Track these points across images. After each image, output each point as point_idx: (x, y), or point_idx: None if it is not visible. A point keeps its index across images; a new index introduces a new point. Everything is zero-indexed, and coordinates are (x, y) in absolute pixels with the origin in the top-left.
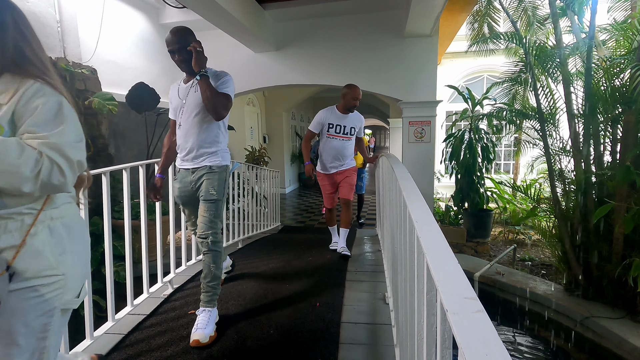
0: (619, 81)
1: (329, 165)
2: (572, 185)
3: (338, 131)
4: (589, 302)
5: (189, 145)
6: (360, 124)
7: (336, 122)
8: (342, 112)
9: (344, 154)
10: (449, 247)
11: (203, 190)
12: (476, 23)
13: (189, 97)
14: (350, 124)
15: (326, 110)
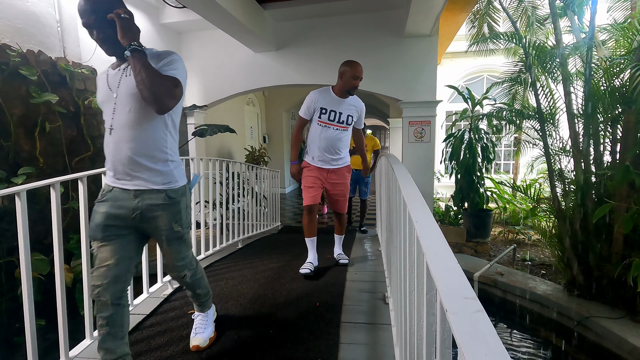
0: (618, 81)
1: (318, 159)
2: (571, 185)
3: (332, 118)
4: (588, 302)
5: (122, 156)
6: (361, 112)
7: (330, 107)
8: (338, 95)
9: (338, 148)
10: (449, 247)
11: (162, 229)
12: (476, 23)
13: (122, 87)
14: (347, 111)
15: (319, 92)
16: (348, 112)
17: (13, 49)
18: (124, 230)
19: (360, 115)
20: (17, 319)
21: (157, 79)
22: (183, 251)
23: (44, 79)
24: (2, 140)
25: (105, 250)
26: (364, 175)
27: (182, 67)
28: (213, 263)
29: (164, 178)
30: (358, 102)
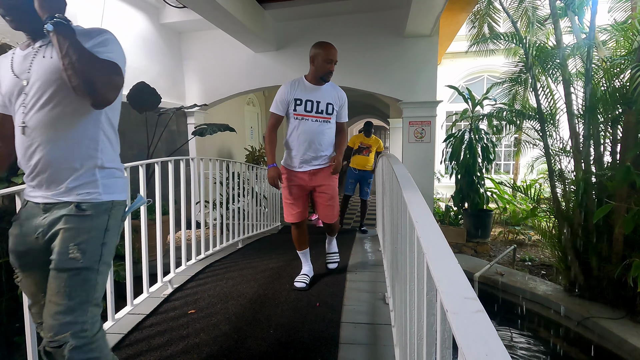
0: (619, 82)
1: (299, 159)
2: (572, 186)
3: (310, 109)
4: (588, 303)
5: (37, 162)
6: (342, 101)
7: (306, 96)
8: (312, 82)
9: (320, 143)
10: (449, 247)
11: (55, 251)
12: (476, 23)
13: (34, 72)
14: (326, 99)
15: (290, 82)
16: (327, 100)
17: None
18: (37, 258)
19: (342, 105)
20: (17, 318)
21: (93, 62)
22: (74, 298)
23: None
24: None
25: (28, 283)
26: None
27: (119, 49)
28: (213, 263)
29: (82, 187)
30: (337, 90)
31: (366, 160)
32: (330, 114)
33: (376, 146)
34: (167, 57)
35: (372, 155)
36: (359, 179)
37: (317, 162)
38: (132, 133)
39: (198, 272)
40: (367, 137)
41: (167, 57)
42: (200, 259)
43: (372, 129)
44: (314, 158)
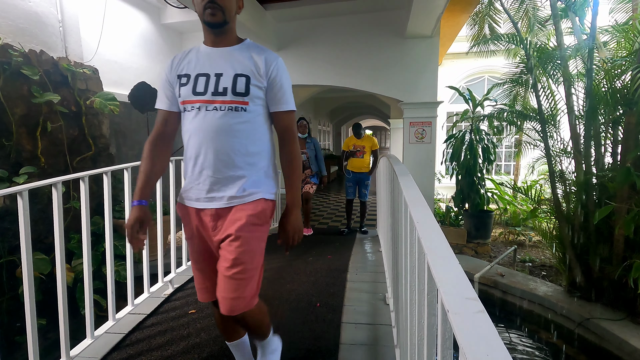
0: (620, 83)
1: (193, 186)
2: (572, 187)
3: (202, 89)
4: (589, 304)
5: None
6: (272, 71)
7: (196, 69)
8: (208, 43)
9: (232, 151)
10: (450, 247)
11: None
12: (477, 24)
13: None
14: (235, 68)
15: (179, 55)
16: (237, 69)
17: (15, 48)
18: None
19: (275, 79)
20: (18, 318)
21: None
22: None
23: (46, 79)
24: (4, 140)
25: None
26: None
27: None
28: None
29: None
30: (261, 51)
31: (361, 162)
32: (243, 94)
33: (370, 145)
34: (169, 57)
35: (368, 156)
36: (357, 181)
37: (227, 192)
38: (134, 133)
39: None
40: (359, 138)
41: (169, 57)
42: None
43: (362, 130)
44: (216, 183)
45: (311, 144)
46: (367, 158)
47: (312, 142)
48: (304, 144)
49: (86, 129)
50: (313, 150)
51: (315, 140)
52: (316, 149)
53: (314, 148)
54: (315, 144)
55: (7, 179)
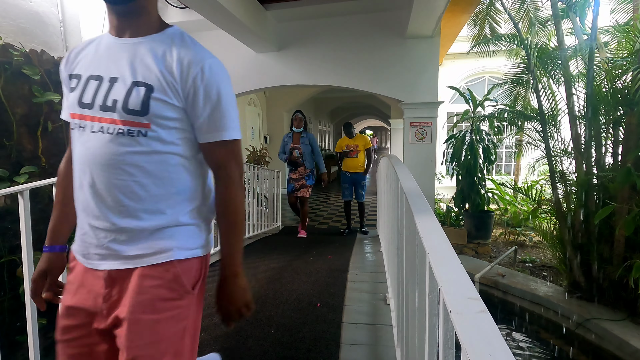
0: (620, 83)
1: (78, 237)
2: (573, 187)
3: (90, 99)
4: (589, 304)
5: None
6: (194, 79)
7: (88, 68)
8: (115, 30)
9: (126, 195)
10: (452, 247)
11: None
12: (478, 24)
13: None
14: (138, 72)
15: (79, 45)
16: (135, 74)
17: (16, 48)
18: None
19: (198, 90)
20: (19, 317)
21: None
22: None
23: (47, 79)
24: (5, 140)
25: None
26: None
27: None
28: (214, 263)
29: None
30: (182, 46)
31: (356, 161)
32: (137, 112)
33: (363, 144)
34: None
35: (362, 155)
36: (353, 182)
37: (122, 248)
38: None
39: None
40: (351, 138)
41: None
42: None
43: (353, 129)
44: (109, 235)
45: (306, 139)
46: (361, 157)
47: (307, 136)
48: (298, 138)
49: None
50: (308, 146)
51: (311, 135)
52: (312, 144)
53: (309, 143)
54: (311, 139)
55: (7, 179)
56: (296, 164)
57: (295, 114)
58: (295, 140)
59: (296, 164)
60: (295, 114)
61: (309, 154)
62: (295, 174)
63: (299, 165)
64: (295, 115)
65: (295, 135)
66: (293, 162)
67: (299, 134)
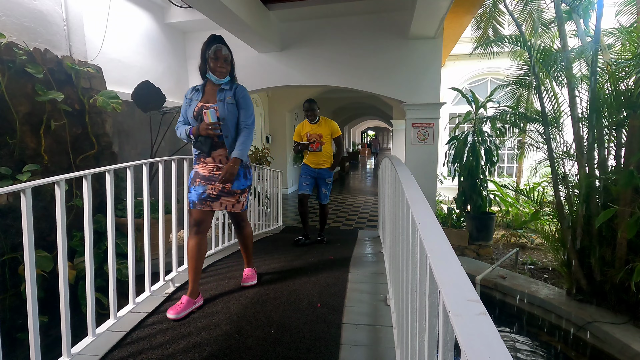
0: (624, 85)
1: None
2: (575, 189)
3: None
4: (591, 307)
5: None
6: None
7: None
8: None
9: None
10: (452, 249)
11: None
12: (481, 25)
13: None
14: None
15: None
16: None
17: (20, 47)
18: None
19: None
20: (20, 315)
21: None
22: None
23: (50, 77)
24: (8, 138)
25: None
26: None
27: None
28: (215, 262)
29: None
30: None
31: (320, 156)
32: None
33: (329, 131)
34: (172, 57)
35: (328, 147)
36: (315, 177)
37: None
38: (136, 132)
39: None
40: (314, 123)
41: (172, 56)
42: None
43: (316, 107)
44: None
45: (229, 94)
46: (327, 150)
47: (232, 90)
48: (214, 93)
49: (89, 128)
50: (233, 108)
51: (240, 90)
52: (240, 104)
53: (234, 100)
54: (240, 97)
55: (10, 177)
56: (209, 143)
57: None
58: (209, 95)
59: (209, 143)
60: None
61: (232, 121)
62: (206, 167)
63: (212, 145)
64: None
65: (209, 88)
66: (203, 140)
67: (216, 87)
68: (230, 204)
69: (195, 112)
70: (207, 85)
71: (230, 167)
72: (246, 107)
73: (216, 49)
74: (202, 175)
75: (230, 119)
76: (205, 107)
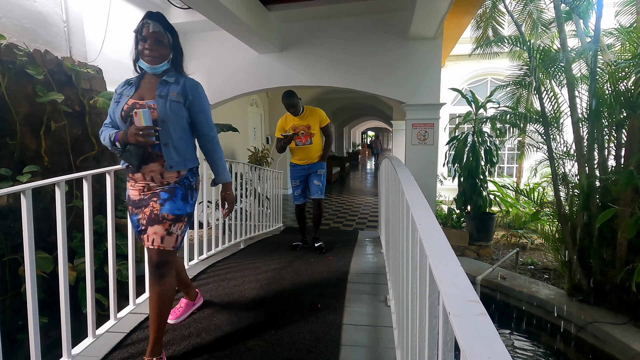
0: (623, 85)
1: None
2: (575, 190)
3: None
4: (591, 307)
5: None
6: None
7: None
8: None
9: None
10: (452, 249)
11: None
12: (481, 26)
13: None
14: None
15: None
16: None
17: (20, 48)
18: None
19: None
20: (20, 316)
21: None
22: None
23: (50, 78)
24: (8, 139)
25: None
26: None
27: None
28: (215, 263)
29: None
30: None
31: (310, 150)
32: None
33: (317, 120)
34: None
35: (319, 139)
36: (305, 176)
37: None
38: None
39: (200, 272)
40: (297, 115)
41: None
42: (203, 259)
43: (298, 101)
44: None
45: (176, 89)
46: (318, 142)
47: (179, 83)
48: (152, 87)
49: (89, 129)
50: (179, 107)
51: (190, 84)
52: (193, 103)
53: (181, 98)
54: (192, 92)
55: (10, 178)
56: (140, 153)
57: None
58: (145, 90)
59: (140, 153)
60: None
61: (181, 129)
62: (135, 185)
63: (144, 156)
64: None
65: (147, 82)
66: (133, 150)
67: (156, 80)
68: (158, 237)
69: (123, 111)
70: (144, 78)
71: (229, 196)
72: (204, 109)
73: (143, 25)
74: (132, 200)
75: (173, 121)
76: (137, 105)
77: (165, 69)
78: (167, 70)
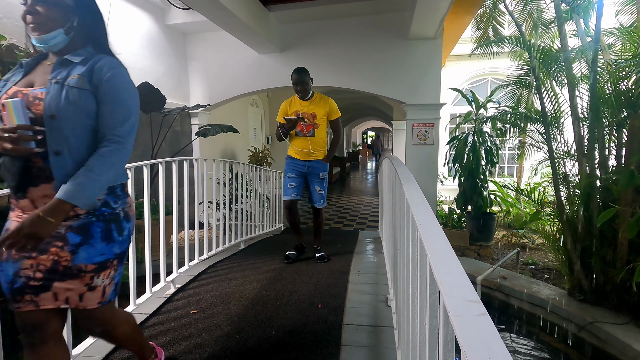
0: (624, 85)
1: None
2: (576, 189)
3: None
4: (592, 307)
5: None
6: None
7: None
8: None
9: None
10: (452, 250)
11: None
12: (481, 26)
13: None
14: None
15: None
16: None
17: (21, 49)
18: None
19: None
20: None
21: None
22: None
23: None
24: None
25: None
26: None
27: None
28: (216, 263)
29: None
30: None
31: (311, 143)
32: None
33: (325, 112)
34: (172, 58)
35: (323, 132)
36: (304, 173)
37: None
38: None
39: (201, 272)
40: (305, 99)
41: (172, 58)
42: (203, 259)
43: (309, 79)
44: None
45: (76, 70)
46: (321, 135)
47: (85, 63)
48: (44, 73)
49: None
50: (79, 92)
51: (109, 64)
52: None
53: (86, 84)
54: (104, 75)
55: None
56: (18, 168)
57: None
58: (40, 73)
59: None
60: None
61: (85, 129)
62: (23, 216)
63: (28, 174)
64: None
65: (46, 64)
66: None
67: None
68: (75, 295)
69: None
70: (47, 60)
71: (35, 220)
72: (117, 100)
73: None
74: None
75: (69, 118)
76: (19, 94)
77: (68, 44)
78: (73, 46)
